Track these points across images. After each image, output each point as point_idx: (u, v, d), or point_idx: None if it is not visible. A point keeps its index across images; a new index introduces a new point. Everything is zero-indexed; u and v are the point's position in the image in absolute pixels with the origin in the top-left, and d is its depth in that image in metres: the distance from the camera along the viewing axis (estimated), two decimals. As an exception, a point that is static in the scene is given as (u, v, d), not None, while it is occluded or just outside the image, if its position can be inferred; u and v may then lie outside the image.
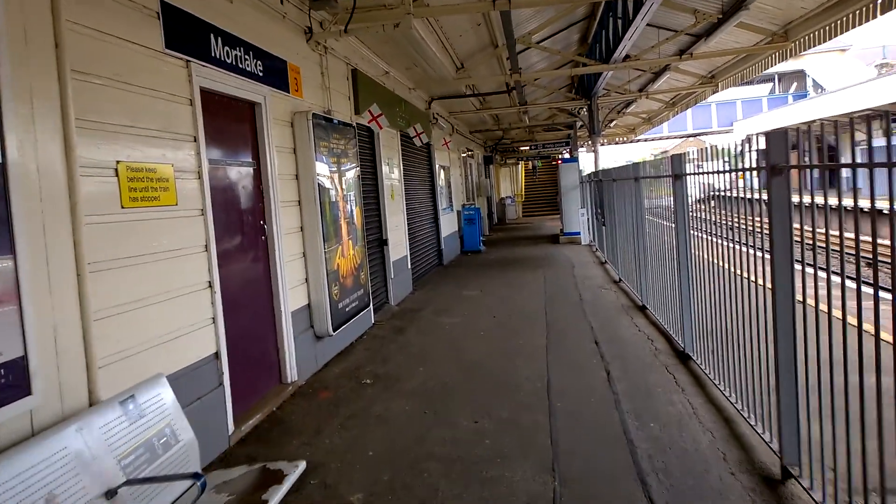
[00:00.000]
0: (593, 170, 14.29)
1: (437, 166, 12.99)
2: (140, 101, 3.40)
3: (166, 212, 3.58)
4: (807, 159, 2.78)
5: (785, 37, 9.94)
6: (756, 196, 3.46)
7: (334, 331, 5.80)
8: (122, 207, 3.20)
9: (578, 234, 15.50)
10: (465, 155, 18.32)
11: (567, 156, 23.80)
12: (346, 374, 5.61)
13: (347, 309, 6.22)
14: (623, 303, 7.75)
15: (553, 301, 8.22)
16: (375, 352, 6.29)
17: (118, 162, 3.18)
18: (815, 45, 9.69)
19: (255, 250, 4.86)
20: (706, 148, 4.35)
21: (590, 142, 16.29)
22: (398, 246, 9.23)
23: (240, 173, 4.67)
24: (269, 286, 5.07)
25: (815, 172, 2.96)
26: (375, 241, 8.24)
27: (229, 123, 4.57)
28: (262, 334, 4.92)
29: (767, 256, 3.20)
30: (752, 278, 3.51)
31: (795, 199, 2.97)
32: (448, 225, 14.00)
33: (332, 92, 6.55)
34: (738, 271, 3.83)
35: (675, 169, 4.92)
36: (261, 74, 4.92)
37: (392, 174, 9.14)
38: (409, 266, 9.88)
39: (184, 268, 3.73)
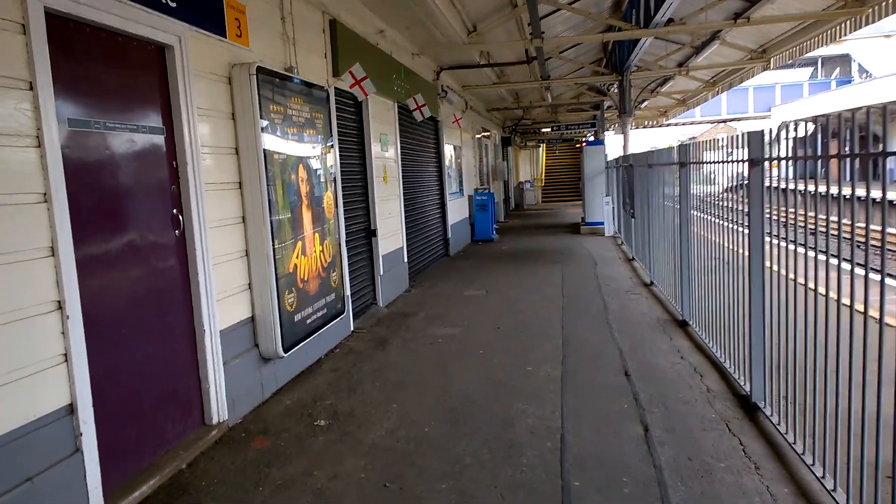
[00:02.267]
0: (622, 154, 12.74)
1: (445, 146, 11.56)
2: None
3: (-47, 197, 2.26)
4: None
5: (861, 0, 8.31)
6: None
7: (287, 351, 4.48)
8: None
9: (602, 224, 13.99)
10: (480, 135, 16.83)
11: (592, 138, 22.16)
12: (298, 408, 4.29)
13: (309, 321, 4.90)
14: (658, 315, 6.31)
15: (571, 308, 6.82)
16: (344, 374, 4.96)
17: None
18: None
19: (161, 250, 3.53)
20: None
21: (619, 123, 14.72)
22: (391, 237, 7.87)
23: (134, 143, 3.32)
24: (188, 298, 3.75)
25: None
26: (361, 231, 6.90)
27: (114, 70, 3.21)
28: (173, 363, 3.61)
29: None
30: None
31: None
32: (457, 211, 12.60)
33: (297, 45, 5.17)
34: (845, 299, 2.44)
35: (754, 152, 3.46)
36: (173, 5, 3.56)
37: (386, 152, 7.76)
38: (406, 259, 8.53)
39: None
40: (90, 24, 3.01)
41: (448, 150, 11.92)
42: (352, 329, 6.25)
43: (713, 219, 4.75)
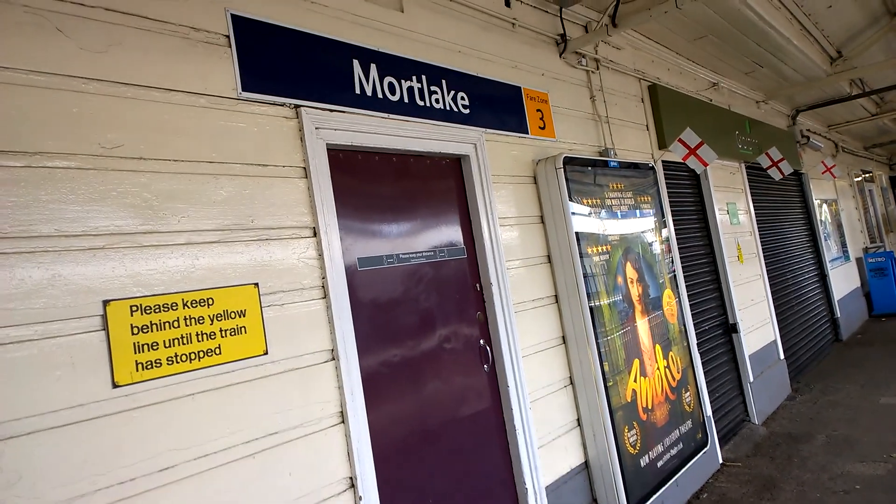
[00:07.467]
0: None
1: (815, 201, 9.23)
2: (171, 183, 1.94)
3: (237, 371, 1.99)
4: None
5: None
6: None
7: (634, 509, 3.43)
8: (116, 386, 1.71)
9: None
10: (859, 178, 13.36)
11: None
12: None
13: (660, 463, 3.77)
14: None
15: None
16: (717, 540, 3.63)
17: (108, 302, 1.73)
18: None
19: (469, 393, 2.98)
20: None
21: None
22: (759, 329, 6.20)
23: (432, 271, 2.91)
24: (503, 447, 3.09)
25: None
26: (715, 329, 5.50)
27: (404, 196, 2.89)
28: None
29: None
30: None
31: None
32: (843, 281, 9.81)
33: (611, 123, 4.42)
34: None
35: None
36: (466, 112, 3.18)
37: (735, 223, 6.29)
38: (781, 355, 6.63)
39: (258, 488, 2.05)
40: (379, 152, 2.76)
41: (819, 207, 9.50)
42: (720, 462, 4.80)
43: None
